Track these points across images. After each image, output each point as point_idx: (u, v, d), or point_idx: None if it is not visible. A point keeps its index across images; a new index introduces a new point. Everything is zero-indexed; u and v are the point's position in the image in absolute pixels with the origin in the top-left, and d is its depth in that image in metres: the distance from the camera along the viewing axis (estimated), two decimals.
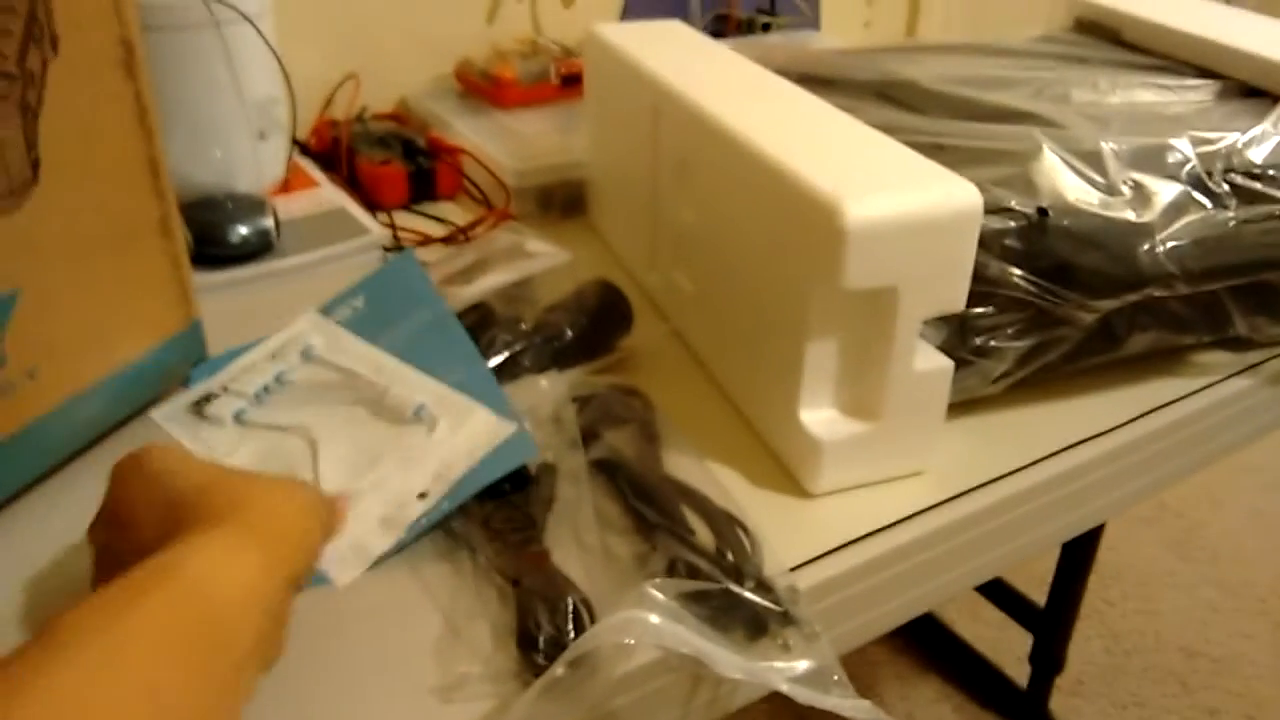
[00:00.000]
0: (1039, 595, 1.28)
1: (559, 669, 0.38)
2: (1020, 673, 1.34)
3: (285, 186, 0.79)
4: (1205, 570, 1.58)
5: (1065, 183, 0.51)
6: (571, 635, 0.39)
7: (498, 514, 0.46)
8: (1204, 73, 0.70)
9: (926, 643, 1.44)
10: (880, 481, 0.51)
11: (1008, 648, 1.41)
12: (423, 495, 0.46)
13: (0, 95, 0.42)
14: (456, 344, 0.53)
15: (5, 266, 0.44)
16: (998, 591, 1.36)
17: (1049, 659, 1.29)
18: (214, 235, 0.67)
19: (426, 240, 0.74)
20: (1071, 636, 1.30)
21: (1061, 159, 0.52)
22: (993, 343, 0.52)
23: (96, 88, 0.47)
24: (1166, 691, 1.37)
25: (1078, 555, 1.22)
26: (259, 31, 0.73)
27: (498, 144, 0.80)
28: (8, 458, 0.47)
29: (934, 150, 0.48)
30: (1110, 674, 1.40)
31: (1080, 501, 0.56)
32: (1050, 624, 1.28)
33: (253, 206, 0.70)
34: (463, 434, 0.49)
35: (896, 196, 0.44)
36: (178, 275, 0.54)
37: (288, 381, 0.54)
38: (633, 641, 0.39)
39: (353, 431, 0.50)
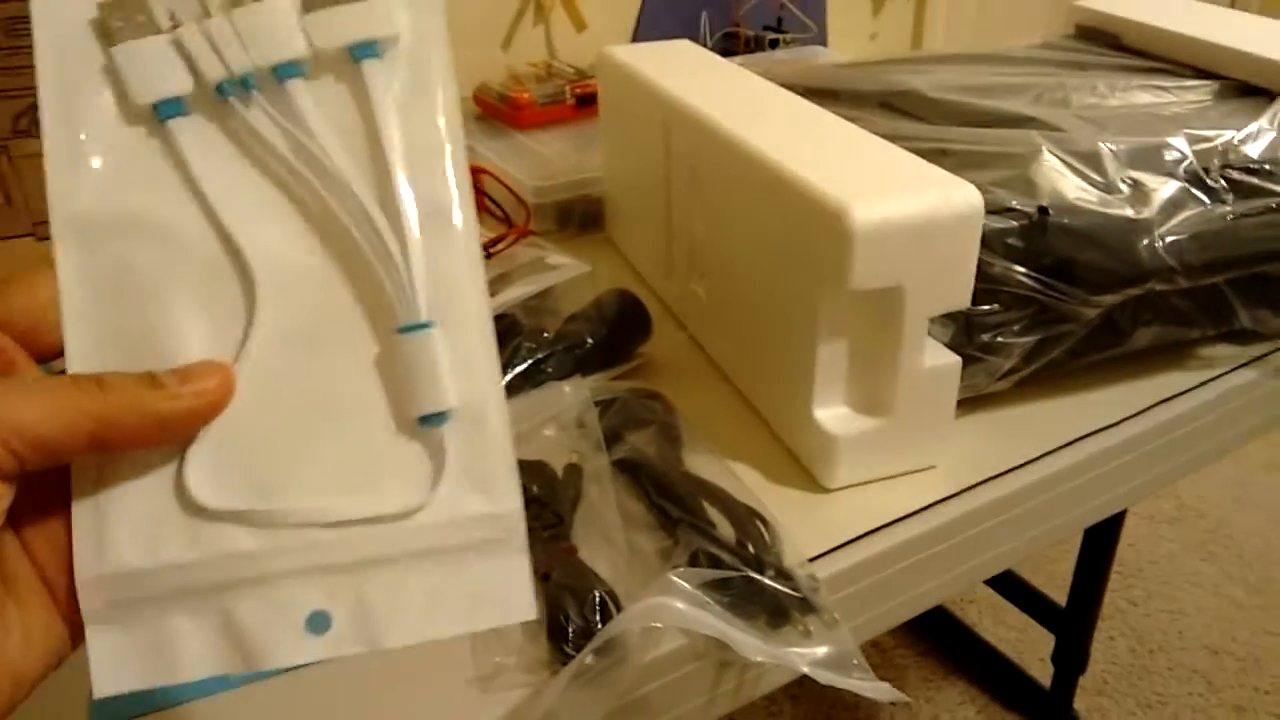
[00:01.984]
0: (1060, 596, 1.29)
1: (588, 656, 0.39)
2: (1044, 673, 1.34)
3: None
4: (1229, 569, 1.58)
5: (1064, 183, 0.53)
6: (599, 626, 0.41)
7: (525, 511, 0.48)
8: (1202, 74, 0.71)
9: (951, 646, 1.45)
10: (893, 476, 0.52)
11: (1030, 649, 1.41)
12: (319, 615, 0.25)
13: None
14: None
15: None
16: (1019, 592, 1.36)
17: (1072, 659, 1.30)
18: None
19: None
20: (1094, 636, 1.30)
21: (1061, 160, 0.54)
22: (999, 339, 0.53)
23: None
24: (1192, 690, 1.38)
25: (1097, 554, 1.23)
26: None
27: (517, 163, 0.83)
28: None
29: (937, 155, 0.50)
30: (1135, 673, 1.40)
31: (1089, 495, 0.57)
32: (1072, 624, 1.29)
33: None
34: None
35: (900, 199, 0.46)
36: None
37: (289, 92, 0.27)
38: (659, 626, 0.41)
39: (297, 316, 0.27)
